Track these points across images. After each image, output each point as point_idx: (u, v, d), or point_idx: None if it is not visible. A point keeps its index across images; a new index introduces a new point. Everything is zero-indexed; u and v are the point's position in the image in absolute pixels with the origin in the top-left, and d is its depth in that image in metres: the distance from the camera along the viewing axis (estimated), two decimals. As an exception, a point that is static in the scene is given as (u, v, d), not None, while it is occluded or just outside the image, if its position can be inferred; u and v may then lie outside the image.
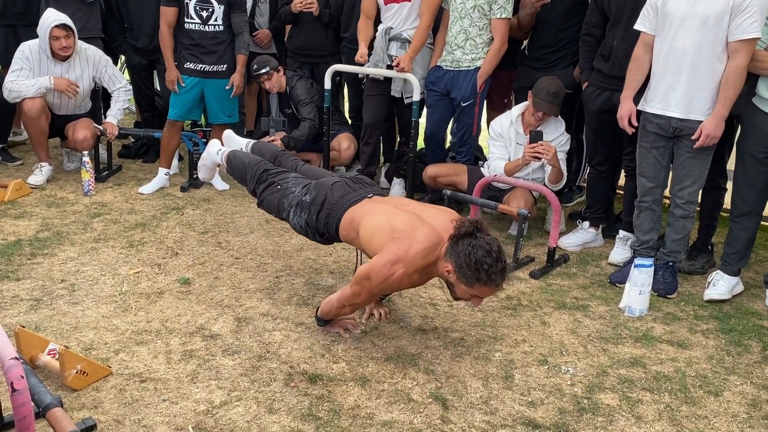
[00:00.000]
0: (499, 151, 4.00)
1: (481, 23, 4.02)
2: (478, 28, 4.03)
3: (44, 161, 4.49)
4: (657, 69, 3.21)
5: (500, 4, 3.94)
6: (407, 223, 2.48)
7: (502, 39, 4.02)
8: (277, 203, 2.93)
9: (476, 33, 4.04)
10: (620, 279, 3.43)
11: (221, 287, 3.19)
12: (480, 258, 2.29)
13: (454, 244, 2.36)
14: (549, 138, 3.82)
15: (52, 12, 4.32)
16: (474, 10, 3.99)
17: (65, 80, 4.33)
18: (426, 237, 2.42)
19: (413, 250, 2.39)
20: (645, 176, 3.35)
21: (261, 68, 4.56)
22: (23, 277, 3.17)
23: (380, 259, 2.40)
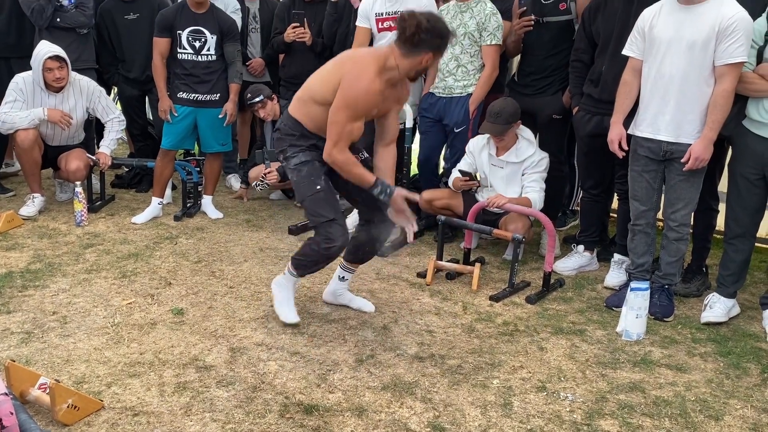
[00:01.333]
0: (464, 165, 4.05)
1: (472, 50, 4.07)
2: (469, 55, 4.08)
3: (36, 192, 4.47)
4: (645, 93, 3.24)
5: (490, 31, 3.99)
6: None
7: (493, 65, 4.06)
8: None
9: (467, 60, 4.08)
10: (617, 303, 3.42)
11: (215, 317, 3.16)
12: (442, 26, 2.78)
13: (414, 40, 2.69)
14: (521, 158, 3.86)
15: (45, 44, 4.35)
16: (465, 37, 4.04)
17: (59, 112, 4.34)
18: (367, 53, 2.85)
19: (367, 60, 2.77)
20: (637, 200, 3.36)
21: (255, 96, 4.58)
22: (14, 310, 3.13)
23: (345, 81, 2.72)
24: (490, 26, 3.97)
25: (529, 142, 3.91)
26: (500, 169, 3.94)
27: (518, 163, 3.88)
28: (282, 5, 4.91)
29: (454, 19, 4.07)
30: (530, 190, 3.84)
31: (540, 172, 3.87)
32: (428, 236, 4.40)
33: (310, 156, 2.93)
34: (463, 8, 4.04)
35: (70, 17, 4.70)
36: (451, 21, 4.08)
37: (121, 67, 5.02)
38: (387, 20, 4.28)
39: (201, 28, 4.25)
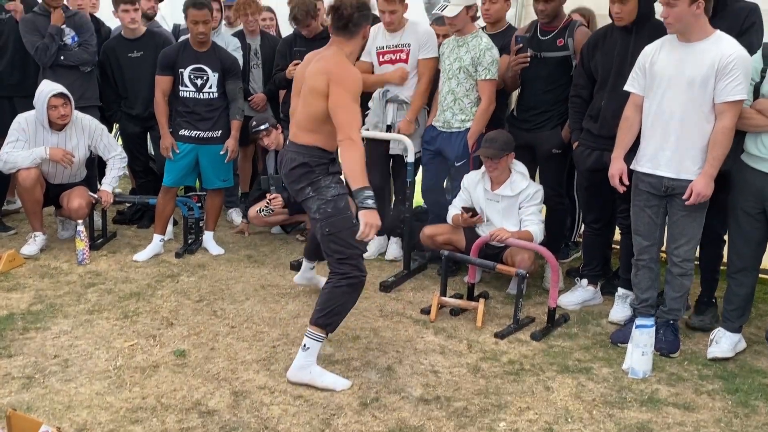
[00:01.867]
0: (458, 201, 4.08)
1: (468, 84, 4.10)
2: (465, 89, 4.11)
3: (38, 230, 4.47)
4: (646, 129, 3.26)
5: (485, 66, 4.02)
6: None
7: (488, 99, 4.08)
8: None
9: (463, 93, 4.11)
10: (622, 338, 3.39)
11: (217, 359, 3.13)
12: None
13: (354, 21, 2.89)
14: (515, 191, 3.89)
15: (48, 83, 4.39)
16: (460, 72, 4.07)
17: (61, 150, 4.36)
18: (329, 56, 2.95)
19: (336, 57, 2.93)
20: (640, 235, 3.36)
21: (260, 124, 4.59)
22: (15, 354, 3.11)
23: (336, 77, 2.83)
24: (484, 61, 4.00)
25: (522, 175, 3.92)
26: (496, 203, 3.95)
27: (513, 197, 3.89)
28: (284, 42, 4.96)
29: (451, 53, 4.11)
30: (529, 223, 3.84)
31: (537, 205, 3.89)
32: (431, 270, 4.39)
33: (344, 189, 3.00)
34: (460, 42, 4.08)
35: (74, 55, 4.74)
36: (448, 55, 4.13)
37: (123, 104, 5.04)
38: (387, 53, 4.32)
39: (203, 66, 4.28)
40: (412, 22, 4.35)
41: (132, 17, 4.74)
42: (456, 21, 3.97)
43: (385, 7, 4.17)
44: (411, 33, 4.27)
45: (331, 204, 2.90)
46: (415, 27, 4.32)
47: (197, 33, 4.19)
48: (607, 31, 3.56)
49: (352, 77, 2.89)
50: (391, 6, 4.16)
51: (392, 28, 4.25)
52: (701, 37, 3.03)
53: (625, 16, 3.40)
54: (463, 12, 3.94)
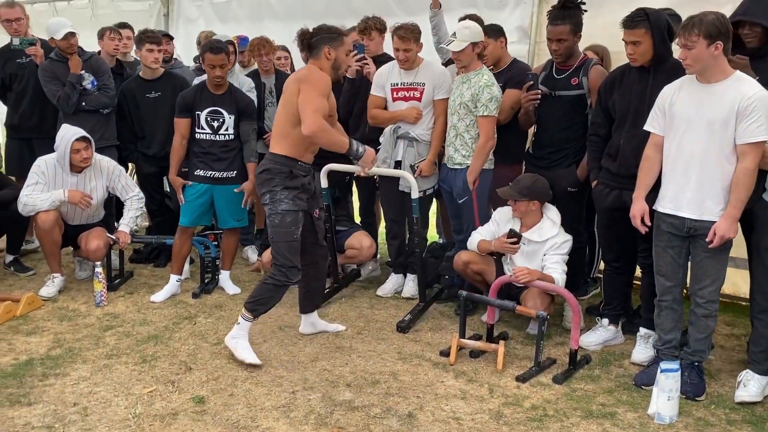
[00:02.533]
0: (484, 232, 4.06)
1: (468, 120, 4.10)
2: (465, 125, 4.12)
3: (56, 272, 4.49)
4: (667, 169, 3.24)
5: (483, 103, 4.02)
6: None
7: (486, 136, 4.07)
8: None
9: (464, 129, 4.12)
10: (645, 381, 3.34)
11: (236, 405, 3.10)
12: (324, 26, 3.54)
13: (316, 43, 3.45)
14: (542, 238, 3.85)
15: (69, 127, 4.45)
16: (461, 107, 4.10)
17: (79, 193, 4.39)
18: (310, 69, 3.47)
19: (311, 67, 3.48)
20: (663, 275, 3.32)
21: None
22: (35, 402, 3.09)
23: (306, 81, 3.40)
24: (483, 98, 4.00)
25: (552, 222, 3.88)
26: (522, 245, 3.91)
27: (540, 243, 3.85)
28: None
29: (456, 89, 4.15)
30: (552, 270, 3.78)
31: (562, 255, 3.83)
32: (448, 309, 4.36)
33: (297, 206, 3.46)
34: (463, 79, 4.12)
35: (94, 99, 4.81)
36: (453, 91, 4.17)
37: (140, 144, 5.10)
38: (401, 90, 4.35)
39: (219, 108, 4.33)
40: (428, 62, 4.39)
41: (155, 57, 4.82)
42: (462, 56, 3.99)
43: (399, 46, 4.21)
44: (426, 72, 4.30)
45: (279, 216, 3.44)
46: (430, 67, 4.35)
47: (214, 76, 4.24)
48: (625, 70, 3.56)
49: (320, 76, 3.39)
50: (406, 45, 4.20)
51: (406, 66, 4.28)
52: (720, 78, 3.02)
53: (639, 57, 3.41)
54: (469, 48, 3.97)
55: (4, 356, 3.54)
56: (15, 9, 5.01)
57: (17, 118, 5.11)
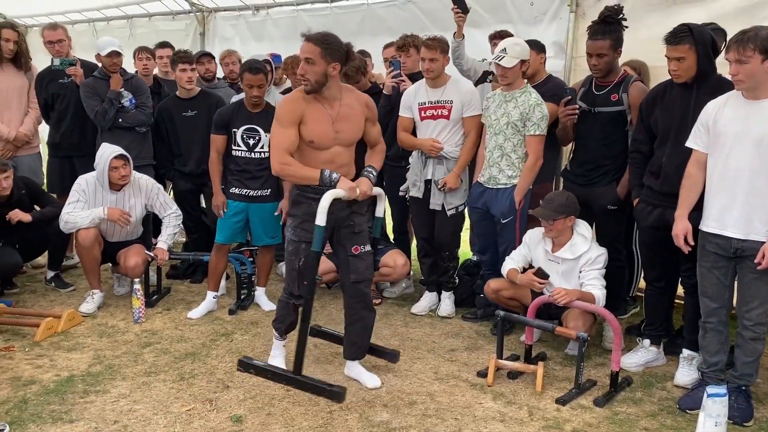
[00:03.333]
0: (517, 256, 4.01)
1: (516, 139, 4.05)
2: (513, 144, 4.06)
3: (96, 288, 4.56)
4: (711, 187, 3.17)
5: (534, 122, 3.97)
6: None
7: (536, 155, 4.03)
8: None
9: (511, 149, 4.07)
10: (690, 405, 3.25)
11: (274, 425, 3.10)
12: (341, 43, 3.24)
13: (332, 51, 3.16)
14: (576, 254, 3.79)
15: (107, 145, 4.54)
16: (508, 127, 4.04)
17: (118, 211, 4.46)
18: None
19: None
20: (708, 297, 3.23)
21: None
22: (77, 419, 3.13)
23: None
24: (534, 116, 3.96)
25: (583, 238, 3.82)
26: (557, 264, 3.86)
27: (573, 260, 3.79)
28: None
29: (498, 108, 4.08)
30: (591, 287, 3.71)
31: (599, 269, 3.76)
32: (484, 328, 4.31)
33: (299, 237, 3.38)
34: (507, 98, 4.05)
35: (132, 117, 4.91)
36: (495, 110, 4.10)
37: (176, 162, 5.17)
38: (429, 109, 4.34)
39: (255, 126, 4.36)
40: (455, 79, 4.38)
41: (189, 77, 4.89)
42: (510, 73, 3.95)
43: (426, 55, 4.22)
44: (453, 90, 4.29)
45: (287, 243, 3.47)
46: (458, 84, 4.34)
47: (252, 96, 4.28)
48: (667, 86, 3.50)
49: (280, 106, 3.31)
50: (432, 54, 4.20)
51: (431, 76, 4.26)
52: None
53: (683, 73, 3.35)
54: (518, 65, 3.94)
55: (46, 372, 3.60)
56: (57, 31, 5.14)
57: (58, 136, 5.22)
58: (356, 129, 3.34)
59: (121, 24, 7.80)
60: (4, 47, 5.11)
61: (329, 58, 3.13)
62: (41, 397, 3.32)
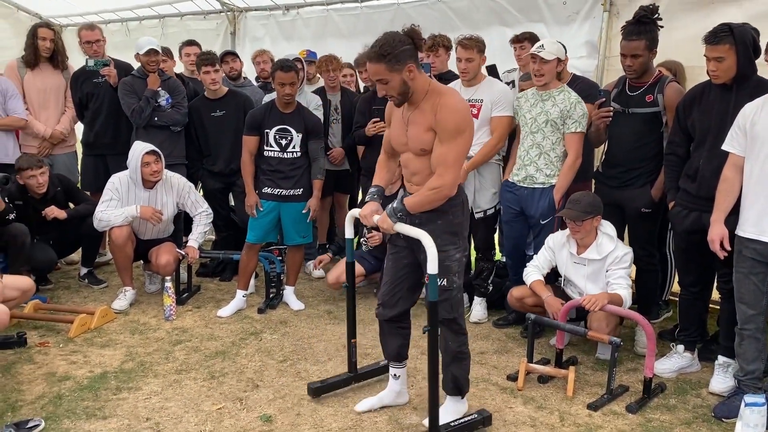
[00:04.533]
0: (540, 262, 3.96)
1: (554, 137, 4.01)
2: (551, 142, 4.02)
3: (128, 285, 4.63)
4: (748, 191, 3.09)
5: (575, 119, 3.93)
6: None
7: (576, 153, 3.98)
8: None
9: (550, 147, 4.03)
10: (726, 413, 3.18)
11: (303, 426, 3.11)
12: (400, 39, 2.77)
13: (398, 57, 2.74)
14: (602, 254, 3.74)
15: (140, 143, 4.60)
16: (546, 125, 3.99)
17: (151, 209, 4.52)
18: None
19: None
20: (745, 303, 3.16)
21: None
22: (110, 415, 3.18)
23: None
24: (575, 114, 3.91)
25: (609, 237, 3.77)
26: (582, 266, 3.81)
27: (600, 260, 3.74)
28: (363, 100, 5.03)
29: (534, 107, 4.04)
30: (617, 287, 3.66)
31: (625, 269, 3.71)
32: (514, 331, 4.27)
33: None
34: (544, 96, 4.01)
35: (167, 116, 4.97)
36: (530, 109, 4.06)
37: (205, 162, 5.21)
38: None
39: (287, 126, 4.38)
40: (490, 80, 4.35)
41: (213, 78, 4.93)
42: (546, 70, 3.89)
43: (462, 56, 4.19)
44: (486, 90, 4.26)
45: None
46: (491, 84, 4.31)
47: (284, 94, 4.29)
48: (705, 87, 3.42)
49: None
50: (468, 54, 4.16)
51: (467, 77, 4.23)
52: (811, 96, 2.88)
53: (722, 74, 3.27)
54: (555, 62, 3.89)
55: (80, 368, 3.66)
56: (95, 31, 5.22)
57: (92, 135, 5.30)
58: (418, 138, 2.87)
59: (153, 24, 7.88)
60: (41, 46, 5.20)
61: (398, 66, 2.75)
62: (75, 393, 3.37)
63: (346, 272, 3.44)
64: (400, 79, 2.77)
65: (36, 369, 3.64)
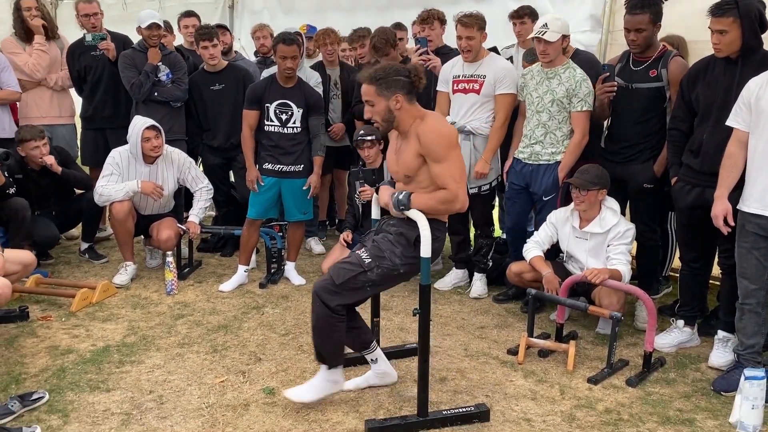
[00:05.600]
0: (541, 237, 3.96)
1: (560, 116, 3.99)
2: (557, 122, 4.00)
3: (129, 260, 4.63)
4: (753, 167, 3.09)
5: (581, 97, 3.91)
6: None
7: (582, 131, 3.97)
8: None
9: (556, 126, 4.01)
10: (725, 387, 3.21)
11: (306, 398, 3.13)
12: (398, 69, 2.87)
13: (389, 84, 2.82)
14: (605, 228, 3.74)
15: (140, 118, 4.57)
16: (552, 104, 3.97)
17: (152, 184, 4.51)
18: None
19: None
20: (746, 278, 3.17)
21: (369, 134, 4.54)
22: (113, 388, 3.20)
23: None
24: (581, 92, 3.90)
25: (612, 211, 3.78)
26: (584, 241, 3.82)
27: (602, 234, 3.76)
28: (363, 73, 4.99)
29: (540, 85, 4.02)
30: (617, 262, 3.68)
31: (626, 244, 3.72)
32: (514, 306, 4.29)
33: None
34: (550, 74, 3.98)
35: (167, 92, 4.92)
36: (536, 87, 4.03)
37: (205, 137, 5.18)
38: (462, 82, 4.28)
39: (288, 101, 4.35)
40: (493, 56, 4.31)
41: (211, 53, 4.88)
42: (551, 49, 3.87)
43: (462, 33, 4.14)
44: (488, 66, 4.21)
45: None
46: (493, 60, 4.26)
47: (285, 68, 4.25)
48: (710, 61, 3.40)
49: None
50: (468, 32, 4.11)
51: (468, 57, 4.19)
52: (817, 71, 2.86)
53: (724, 47, 3.24)
54: (560, 40, 3.86)
55: (83, 342, 3.68)
56: (92, 4, 5.15)
57: (91, 109, 5.26)
58: (406, 165, 2.90)
59: (150, -4, 7.78)
60: (27, 17, 5.11)
61: (386, 92, 2.82)
62: (78, 366, 3.39)
63: None
64: (385, 106, 2.85)
65: (39, 342, 3.65)
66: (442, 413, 2.93)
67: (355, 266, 2.88)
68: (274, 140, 4.41)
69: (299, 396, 3.01)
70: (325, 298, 2.86)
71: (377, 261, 2.88)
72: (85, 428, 2.85)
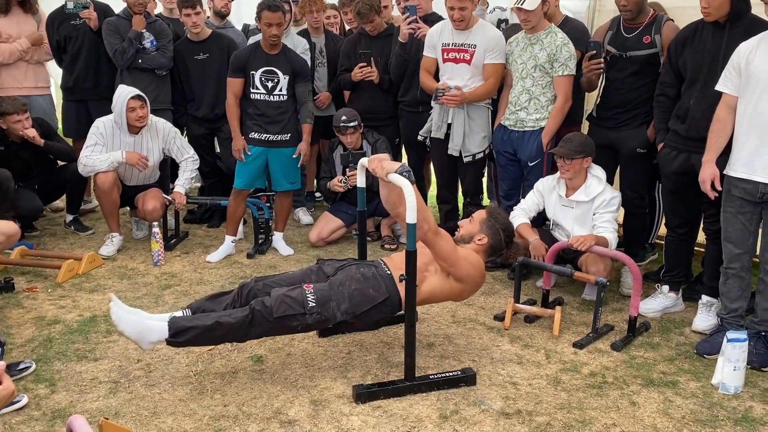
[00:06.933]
0: (528, 205, 3.97)
1: (544, 82, 3.98)
2: (541, 87, 3.99)
3: (115, 231, 4.60)
4: (741, 131, 3.09)
5: (562, 62, 3.89)
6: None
7: (565, 96, 3.96)
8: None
9: (540, 92, 4.00)
10: (708, 350, 3.26)
11: (294, 365, 3.14)
12: None
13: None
14: (590, 196, 3.75)
15: (124, 87, 4.49)
16: (535, 70, 3.95)
17: (136, 154, 4.45)
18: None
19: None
20: (731, 242, 3.20)
21: (351, 120, 4.54)
22: (100, 357, 3.19)
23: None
24: (561, 57, 3.88)
25: (598, 179, 3.78)
26: (570, 209, 3.82)
27: (588, 202, 3.76)
28: (348, 42, 4.93)
29: (524, 51, 3.99)
30: (603, 230, 3.69)
31: (612, 212, 3.73)
32: (501, 274, 4.31)
33: None
34: (533, 40, 3.96)
35: (152, 59, 4.85)
36: (520, 54, 4.01)
37: (189, 107, 5.12)
38: (452, 51, 4.23)
39: (274, 68, 4.29)
40: (482, 23, 4.25)
41: (193, 21, 4.79)
42: (532, 16, 3.84)
43: (454, 4, 4.06)
44: (479, 34, 4.15)
45: None
46: (484, 28, 4.20)
47: (270, 35, 4.18)
48: (698, 26, 3.37)
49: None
50: (461, 2, 4.05)
51: (461, 26, 4.14)
52: (806, 34, 2.84)
53: (713, 11, 3.22)
54: (540, 7, 3.82)
55: (69, 312, 3.66)
56: (76, -31, 5.02)
57: (72, 80, 5.16)
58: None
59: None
60: None
61: None
62: (65, 336, 3.38)
63: (358, 221, 3.44)
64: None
65: (25, 313, 3.64)
66: (429, 377, 2.96)
67: (297, 305, 2.82)
68: (261, 108, 4.35)
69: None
70: (255, 320, 2.80)
71: (320, 308, 2.84)
72: (73, 397, 2.85)
